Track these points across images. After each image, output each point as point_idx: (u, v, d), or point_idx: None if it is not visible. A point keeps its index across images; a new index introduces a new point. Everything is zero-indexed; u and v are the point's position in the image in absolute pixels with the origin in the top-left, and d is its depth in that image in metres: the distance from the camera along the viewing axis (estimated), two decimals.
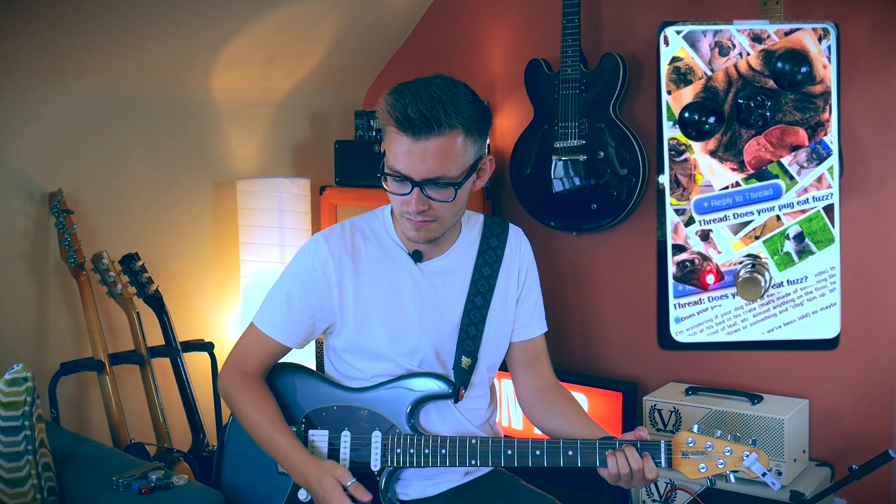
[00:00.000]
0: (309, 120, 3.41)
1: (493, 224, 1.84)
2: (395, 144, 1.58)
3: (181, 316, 2.89)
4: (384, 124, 1.60)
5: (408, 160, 1.57)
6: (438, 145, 1.56)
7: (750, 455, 1.52)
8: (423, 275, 1.75)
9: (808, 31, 1.59)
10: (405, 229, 1.68)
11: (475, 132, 1.61)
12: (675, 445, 1.55)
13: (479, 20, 3.20)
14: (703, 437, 1.55)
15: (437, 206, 1.62)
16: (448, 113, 1.54)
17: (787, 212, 1.64)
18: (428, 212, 1.62)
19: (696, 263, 1.67)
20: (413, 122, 1.53)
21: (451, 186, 1.60)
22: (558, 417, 1.76)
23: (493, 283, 1.78)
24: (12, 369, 1.88)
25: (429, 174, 1.57)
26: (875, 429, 2.48)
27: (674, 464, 1.55)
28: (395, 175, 1.60)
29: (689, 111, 1.61)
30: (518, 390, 1.87)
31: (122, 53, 2.67)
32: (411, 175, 1.58)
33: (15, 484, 1.84)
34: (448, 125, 1.55)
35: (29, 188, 2.58)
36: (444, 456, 1.65)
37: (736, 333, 1.70)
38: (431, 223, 1.65)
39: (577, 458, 1.58)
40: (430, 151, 1.56)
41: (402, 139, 1.56)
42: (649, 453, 1.55)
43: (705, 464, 1.54)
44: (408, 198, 1.61)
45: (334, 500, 1.61)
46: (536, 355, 1.86)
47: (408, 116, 1.53)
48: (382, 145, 1.65)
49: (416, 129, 1.54)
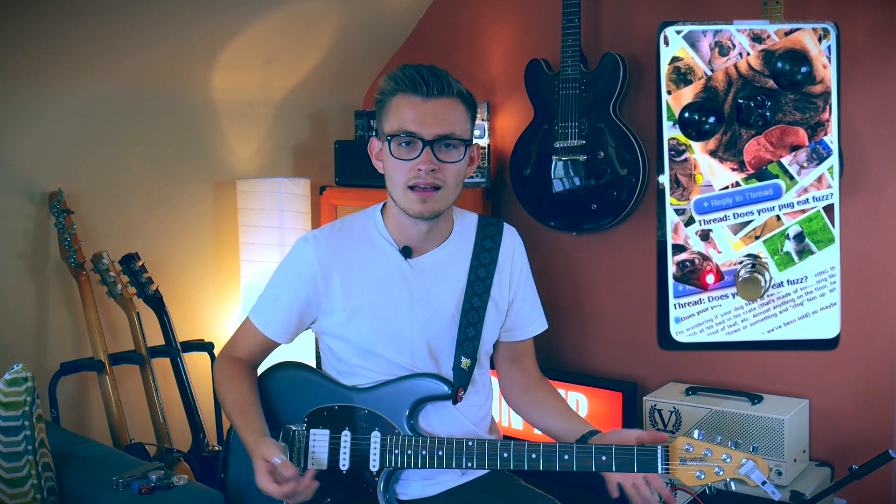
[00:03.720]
0: (309, 120, 3.41)
1: (488, 225, 1.85)
2: (403, 107, 1.66)
3: (181, 316, 2.89)
4: (389, 93, 1.68)
5: (419, 118, 1.64)
6: (447, 105, 1.66)
7: (748, 463, 1.51)
8: (412, 271, 1.76)
9: (808, 31, 1.59)
10: (410, 204, 1.69)
11: (470, 112, 1.72)
12: (672, 451, 1.53)
13: (479, 20, 3.20)
14: (701, 443, 1.53)
15: (445, 167, 1.67)
16: (453, 81, 1.68)
17: (787, 212, 1.64)
18: (437, 174, 1.66)
19: (696, 263, 1.67)
20: (426, 80, 1.64)
21: (461, 144, 1.68)
22: (544, 412, 1.84)
23: (490, 285, 1.79)
24: (12, 369, 1.88)
25: (439, 131, 1.64)
26: (875, 429, 2.48)
27: (671, 470, 1.53)
28: (405, 137, 1.65)
29: (689, 111, 1.61)
30: (503, 385, 1.92)
31: (122, 53, 2.67)
32: (422, 133, 1.64)
33: (15, 484, 1.84)
34: (454, 90, 1.67)
35: (29, 188, 2.58)
36: (441, 458, 1.66)
37: (736, 333, 1.69)
38: (436, 192, 1.67)
39: (573, 462, 1.58)
40: (440, 109, 1.65)
41: (412, 100, 1.65)
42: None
43: (703, 471, 1.52)
44: (416, 161, 1.65)
45: (260, 481, 1.57)
46: (525, 352, 1.92)
47: (422, 75, 1.64)
48: (380, 122, 1.70)
49: (429, 87, 1.64)
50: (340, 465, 1.71)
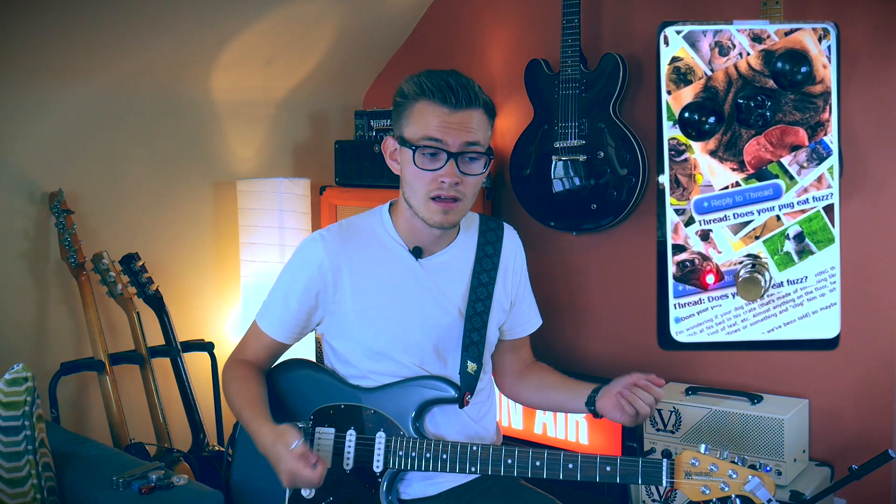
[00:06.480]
0: (309, 120, 3.41)
1: (489, 231, 1.85)
2: (428, 115, 1.62)
3: (181, 316, 2.89)
4: (412, 98, 1.64)
5: (445, 129, 1.61)
6: (472, 116, 1.63)
7: (754, 479, 1.49)
8: (424, 270, 1.76)
9: (808, 31, 1.59)
10: (431, 214, 1.67)
11: (491, 121, 1.70)
12: (677, 465, 1.52)
13: (479, 20, 3.20)
14: (707, 457, 1.51)
15: (467, 180, 1.65)
16: (479, 90, 1.64)
17: (787, 212, 1.64)
18: (459, 187, 1.64)
19: (696, 263, 1.67)
20: (455, 91, 1.60)
21: (483, 157, 1.66)
22: (544, 387, 1.88)
23: (492, 290, 1.80)
24: (12, 369, 1.88)
25: (464, 143, 1.62)
26: (875, 429, 2.48)
27: (675, 484, 1.52)
28: (431, 147, 1.62)
29: (689, 111, 1.61)
30: (498, 374, 1.95)
31: (122, 53, 2.67)
32: (448, 145, 1.61)
33: (15, 484, 1.84)
34: (481, 101, 1.64)
35: (29, 188, 2.58)
36: (445, 461, 1.66)
37: (736, 333, 1.69)
38: (457, 203, 1.67)
39: (577, 471, 1.60)
40: (465, 121, 1.62)
41: (439, 110, 1.61)
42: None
43: (708, 486, 1.51)
44: (440, 172, 1.63)
45: (283, 464, 1.56)
46: (522, 344, 1.96)
47: (450, 85, 1.60)
48: (400, 125, 1.67)
49: (458, 98, 1.60)
50: (345, 464, 1.71)
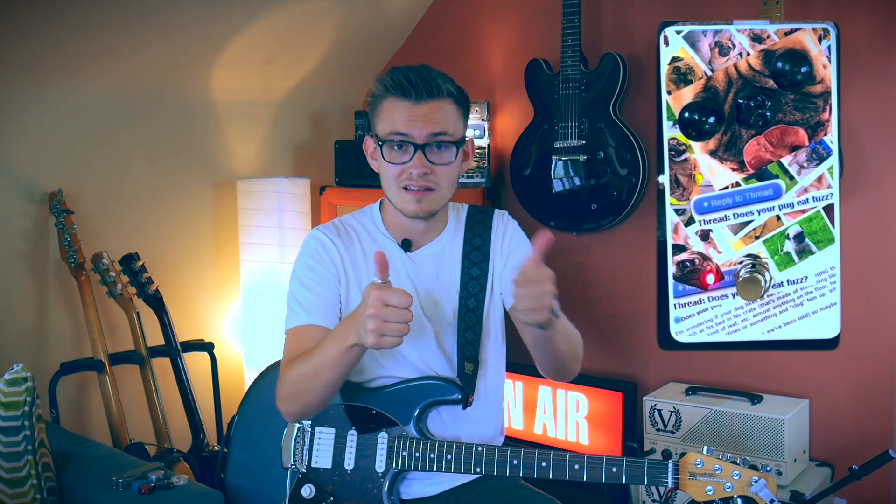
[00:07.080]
0: (309, 120, 3.41)
1: (476, 224, 1.83)
2: (393, 111, 1.65)
3: (181, 316, 2.89)
4: (380, 97, 1.67)
5: (409, 122, 1.63)
6: (437, 108, 1.65)
7: (759, 481, 1.51)
8: (413, 263, 1.76)
9: (808, 31, 1.59)
10: (405, 204, 1.69)
11: (462, 109, 1.70)
12: (682, 466, 1.54)
13: (479, 20, 3.20)
14: (711, 458, 1.54)
15: (437, 170, 1.66)
16: (443, 82, 1.66)
17: (787, 212, 1.64)
18: (429, 177, 1.66)
19: (696, 263, 1.67)
20: (415, 84, 1.62)
21: (453, 144, 1.67)
22: (535, 351, 1.70)
23: (485, 283, 1.78)
24: (12, 369, 1.88)
25: (430, 134, 1.64)
26: (875, 429, 2.48)
27: (681, 484, 1.55)
28: (396, 140, 1.65)
29: (689, 111, 1.61)
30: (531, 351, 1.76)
31: (122, 53, 2.67)
32: (413, 137, 1.64)
33: (15, 484, 1.84)
34: (444, 91, 1.65)
35: (29, 188, 2.58)
36: (450, 462, 1.65)
37: (736, 333, 1.70)
38: (431, 192, 1.67)
39: (583, 472, 1.59)
40: (430, 113, 1.64)
41: (401, 104, 1.64)
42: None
43: (713, 486, 1.53)
44: (408, 164, 1.65)
45: (364, 311, 1.44)
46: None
47: (409, 79, 1.63)
48: (373, 124, 1.70)
49: (418, 91, 1.63)
50: (345, 464, 1.71)
